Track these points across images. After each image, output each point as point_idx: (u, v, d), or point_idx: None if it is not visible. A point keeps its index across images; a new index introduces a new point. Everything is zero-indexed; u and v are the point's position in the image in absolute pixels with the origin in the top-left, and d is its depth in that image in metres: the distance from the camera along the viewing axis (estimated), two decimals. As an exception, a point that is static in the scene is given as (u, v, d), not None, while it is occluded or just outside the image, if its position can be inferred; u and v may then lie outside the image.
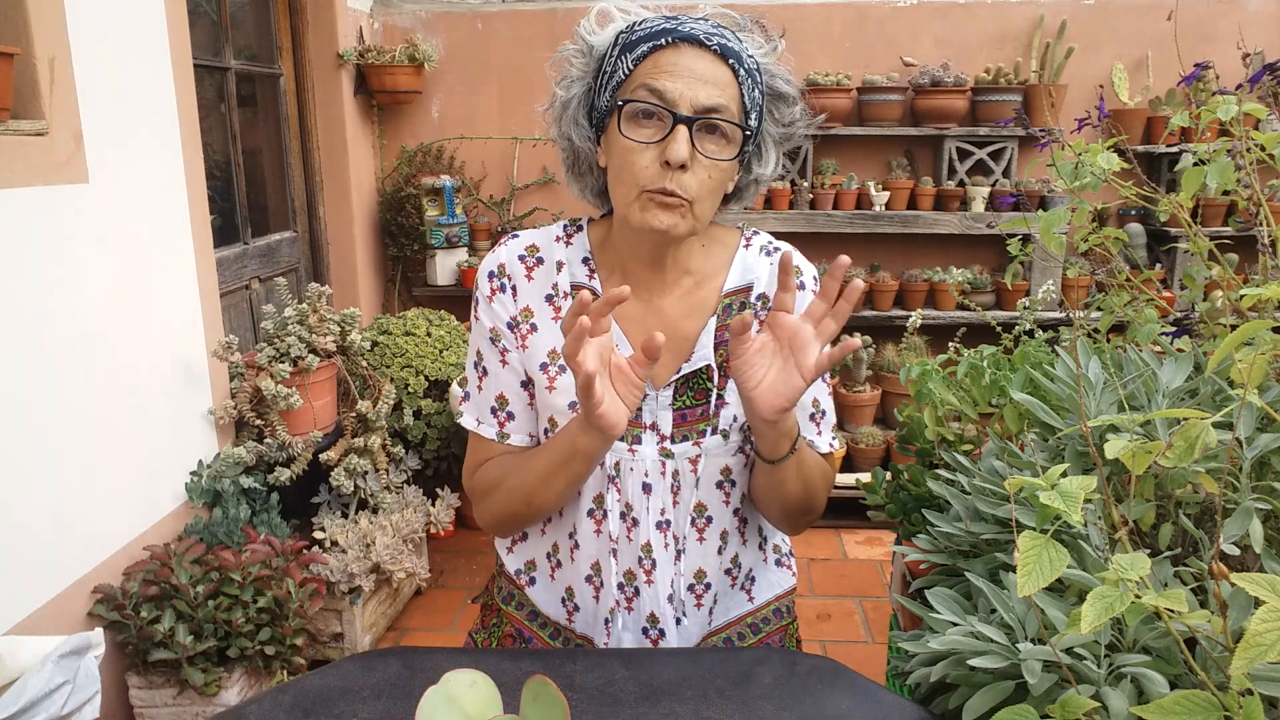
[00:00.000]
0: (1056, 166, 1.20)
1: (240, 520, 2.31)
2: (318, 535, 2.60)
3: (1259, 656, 0.56)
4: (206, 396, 2.45)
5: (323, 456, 2.63)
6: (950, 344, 1.77)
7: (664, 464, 1.09)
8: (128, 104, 2.14)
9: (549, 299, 1.11)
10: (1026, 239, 2.91)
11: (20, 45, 1.82)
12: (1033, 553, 0.65)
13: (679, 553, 1.12)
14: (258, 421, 2.50)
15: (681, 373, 1.09)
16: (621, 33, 1.01)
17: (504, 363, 1.12)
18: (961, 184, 3.61)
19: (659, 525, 1.11)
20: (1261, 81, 1.22)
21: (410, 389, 3.07)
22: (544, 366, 1.10)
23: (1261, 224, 1.04)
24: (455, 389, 3.03)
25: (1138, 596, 0.61)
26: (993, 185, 3.58)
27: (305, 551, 2.29)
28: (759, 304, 1.12)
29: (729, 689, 0.92)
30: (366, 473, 2.72)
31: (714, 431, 1.10)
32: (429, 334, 3.23)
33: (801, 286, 1.12)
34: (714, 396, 1.09)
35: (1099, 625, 0.61)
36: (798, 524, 1.14)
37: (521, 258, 1.11)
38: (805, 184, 3.60)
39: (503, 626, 1.23)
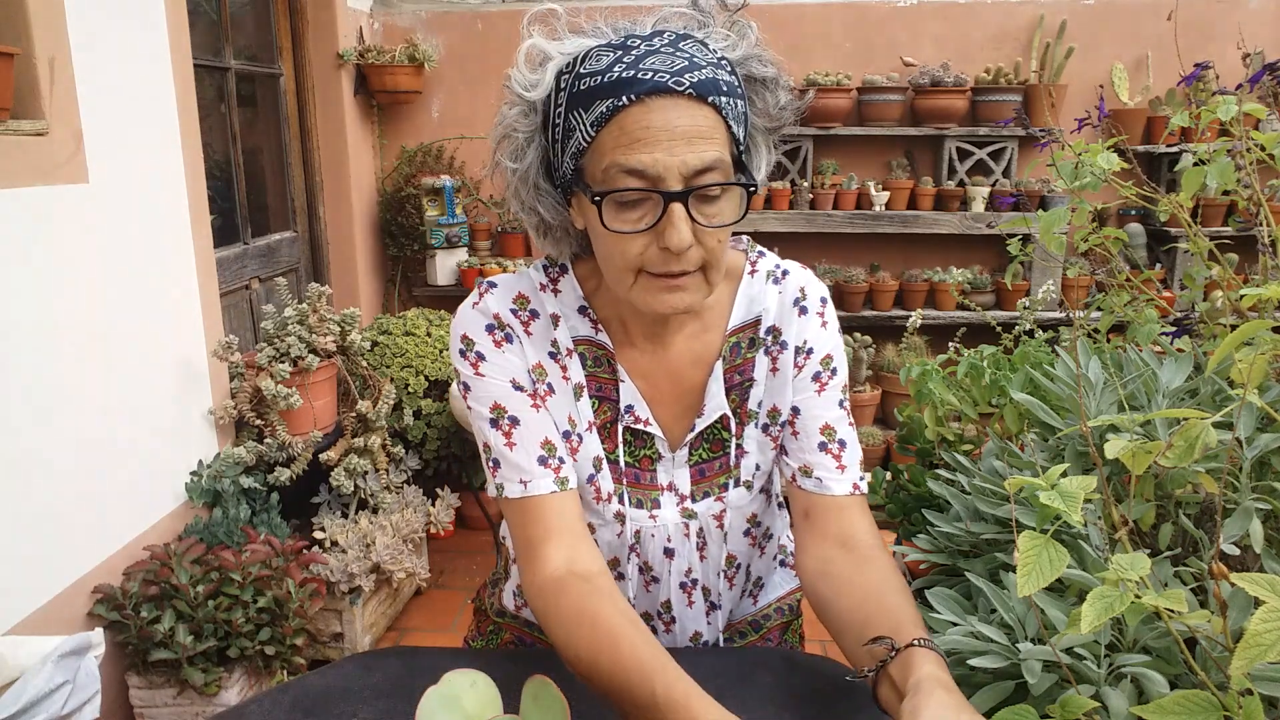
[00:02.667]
0: (1056, 166, 1.20)
1: (240, 520, 2.31)
2: (318, 535, 2.60)
3: (1259, 656, 0.56)
4: (206, 396, 2.45)
5: (323, 456, 2.63)
6: (950, 344, 1.77)
7: (687, 525, 1.02)
8: (128, 104, 2.14)
9: (553, 357, 0.98)
10: (1026, 239, 2.91)
11: (20, 45, 1.82)
12: (1033, 553, 0.65)
13: (711, 606, 1.08)
14: (258, 421, 2.50)
15: (696, 429, 1.00)
16: (564, 73, 0.85)
17: (536, 407, 0.96)
18: (961, 184, 3.61)
19: (682, 586, 1.06)
20: (1261, 81, 1.22)
21: (410, 389, 3.07)
22: (566, 435, 0.98)
23: (1261, 224, 1.04)
24: (455, 389, 3.02)
25: (1138, 596, 0.61)
26: (993, 185, 3.58)
27: (305, 551, 2.29)
28: (769, 338, 1.00)
29: (729, 689, 0.92)
30: (366, 473, 2.72)
31: (737, 484, 1.02)
32: (429, 334, 3.23)
33: (804, 311, 1.00)
34: (733, 446, 1.01)
35: (1099, 625, 0.60)
36: None
37: (513, 311, 0.97)
38: (805, 184, 3.59)
39: (501, 634, 1.21)
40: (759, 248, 1.05)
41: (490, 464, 0.96)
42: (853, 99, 3.54)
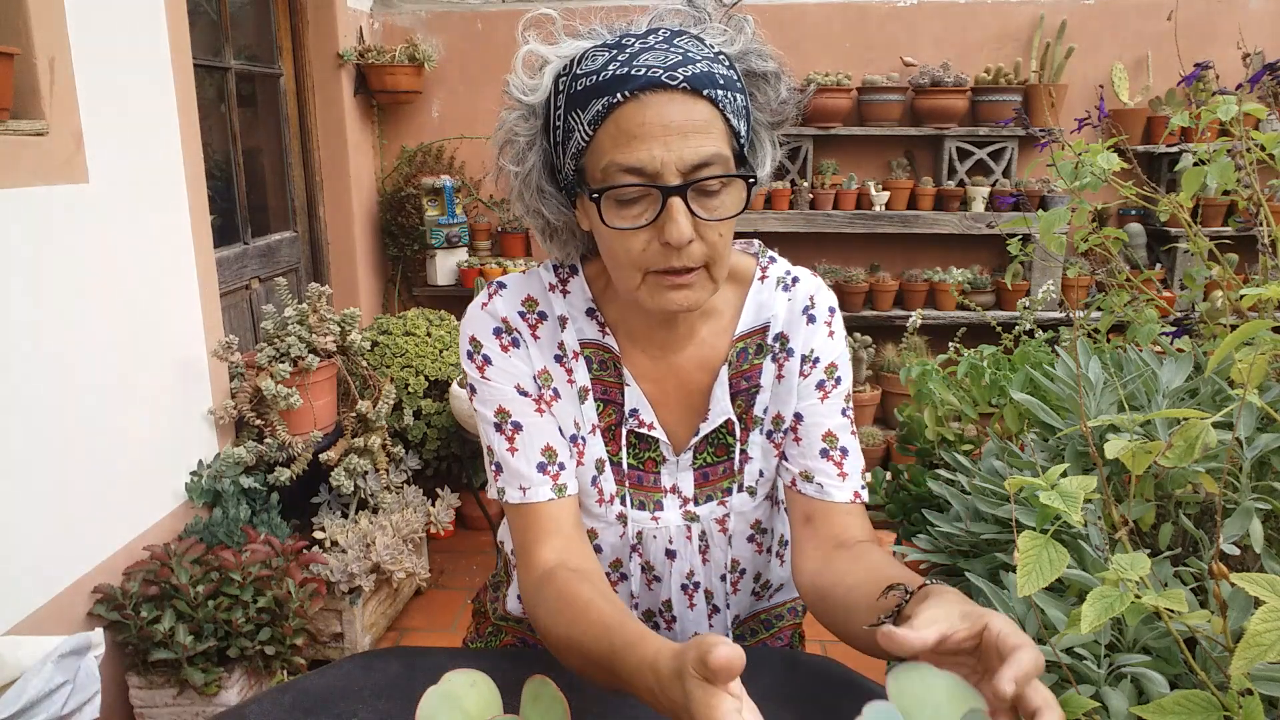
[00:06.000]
0: (1056, 166, 1.20)
1: (240, 520, 2.31)
2: (318, 535, 2.60)
3: (1259, 656, 0.56)
4: (206, 396, 2.45)
5: (323, 456, 2.63)
6: (950, 344, 1.77)
7: (689, 528, 1.02)
8: (128, 104, 2.14)
9: (559, 360, 0.98)
10: (1026, 239, 2.91)
11: (20, 45, 1.82)
12: (1033, 553, 0.65)
13: (714, 608, 1.08)
14: (258, 421, 2.50)
15: (701, 434, 0.99)
16: (561, 75, 0.85)
17: (540, 411, 0.96)
18: (961, 184, 3.61)
19: (684, 588, 1.06)
20: (1261, 81, 1.22)
21: (410, 389, 3.07)
22: (572, 438, 0.98)
23: (1261, 224, 1.04)
24: (455, 389, 3.03)
25: (1138, 596, 0.61)
26: (993, 185, 3.58)
27: (305, 551, 2.29)
28: (777, 345, 1.00)
29: (729, 689, 0.92)
30: (366, 473, 2.72)
31: (740, 489, 1.02)
32: (429, 334, 3.23)
33: (813, 320, 0.99)
34: (737, 451, 1.01)
35: (1099, 625, 0.60)
36: None
37: (521, 314, 0.97)
38: (805, 184, 3.59)
39: (501, 636, 1.20)
40: (770, 252, 1.04)
41: (493, 467, 0.97)
42: (853, 99, 3.54)
